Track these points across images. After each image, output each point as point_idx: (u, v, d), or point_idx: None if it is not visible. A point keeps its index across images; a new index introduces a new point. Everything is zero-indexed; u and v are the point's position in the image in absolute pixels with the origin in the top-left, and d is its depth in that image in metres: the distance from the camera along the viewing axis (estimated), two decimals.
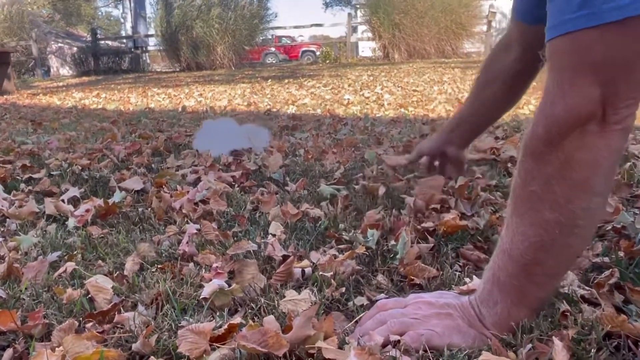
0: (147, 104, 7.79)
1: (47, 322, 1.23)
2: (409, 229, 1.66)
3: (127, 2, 23.44)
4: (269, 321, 1.13)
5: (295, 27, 20.54)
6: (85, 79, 16.78)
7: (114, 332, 1.18)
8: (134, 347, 1.11)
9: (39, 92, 11.71)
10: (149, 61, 22.78)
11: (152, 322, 1.22)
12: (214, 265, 1.51)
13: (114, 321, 1.22)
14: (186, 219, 2.01)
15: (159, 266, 1.54)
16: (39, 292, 1.42)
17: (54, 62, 25.28)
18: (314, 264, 1.51)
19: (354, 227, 1.84)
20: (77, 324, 1.18)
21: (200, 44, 17.15)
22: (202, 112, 6.29)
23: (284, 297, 1.30)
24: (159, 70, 20.78)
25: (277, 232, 1.81)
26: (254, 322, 1.16)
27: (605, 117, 0.94)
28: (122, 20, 27.93)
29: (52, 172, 2.88)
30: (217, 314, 1.25)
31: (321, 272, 1.42)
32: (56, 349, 1.05)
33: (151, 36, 19.94)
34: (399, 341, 1.06)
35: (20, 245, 1.79)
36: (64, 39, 26.93)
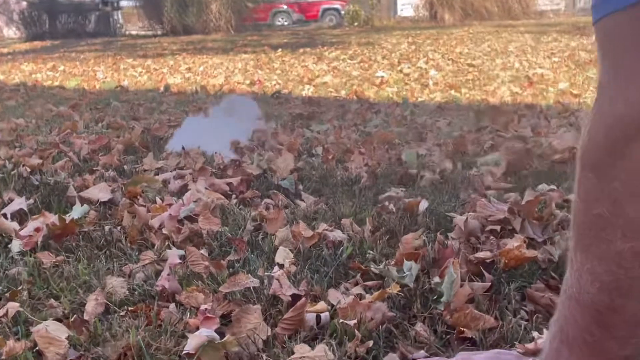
0: (119, 81, 7.88)
1: None
2: (458, 261, 1.66)
3: None
4: None
5: None
6: (37, 44, 16.99)
7: None
8: None
9: None
10: (121, 21, 22.99)
11: None
12: (202, 307, 1.52)
13: None
14: (167, 243, 2.02)
15: (130, 308, 1.55)
16: None
17: None
18: (332, 307, 1.51)
19: (385, 257, 1.84)
20: None
21: (189, 0, 17.27)
22: (191, 94, 6.35)
23: (293, 353, 1.30)
24: (134, 33, 20.99)
25: (286, 262, 1.81)
26: None
27: None
28: None
29: None
30: None
31: (342, 320, 1.42)
32: None
33: None
34: None
35: None
36: None
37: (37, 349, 1.36)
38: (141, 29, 21.84)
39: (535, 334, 1.33)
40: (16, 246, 2.03)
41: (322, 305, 1.50)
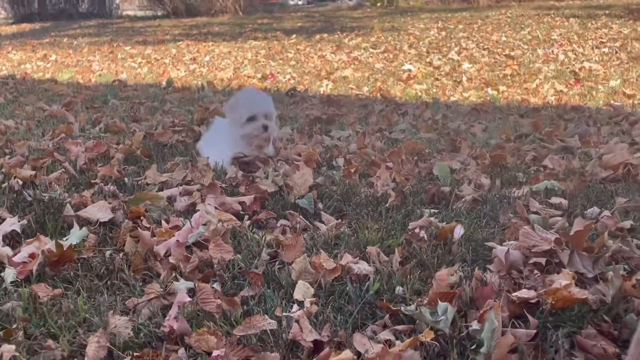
0: (117, 74, 7.91)
1: None
2: (499, 305, 1.66)
3: None
4: None
5: None
6: (25, 26, 17.01)
7: None
8: None
9: None
10: (118, 1, 23.03)
11: None
12: (215, 353, 1.53)
13: None
14: (174, 274, 2.04)
15: (136, 354, 1.57)
16: None
17: None
18: (359, 356, 1.52)
19: (417, 294, 1.85)
20: None
21: None
22: (196, 90, 6.35)
23: None
24: (132, 14, 20.98)
25: (306, 300, 1.82)
26: None
27: None
28: None
29: None
30: None
31: None
32: None
33: None
34: None
35: None
36: None
37: None
38: (140, 10, 21.85)
39: None
40: (10, 275, 2.05)
41: (347, 354, 1.51)
